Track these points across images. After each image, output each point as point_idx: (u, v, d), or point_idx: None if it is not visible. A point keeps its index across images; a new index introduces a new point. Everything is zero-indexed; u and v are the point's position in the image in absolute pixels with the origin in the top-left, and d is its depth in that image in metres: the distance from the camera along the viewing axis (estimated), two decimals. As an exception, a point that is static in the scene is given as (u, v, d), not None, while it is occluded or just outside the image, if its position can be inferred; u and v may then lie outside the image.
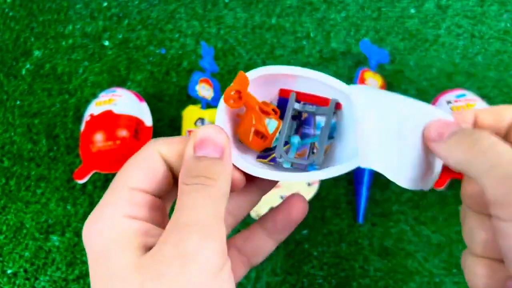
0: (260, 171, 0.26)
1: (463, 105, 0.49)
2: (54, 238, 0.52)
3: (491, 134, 0.22)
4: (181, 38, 0.66)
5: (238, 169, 0.25)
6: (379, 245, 0.49)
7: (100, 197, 0.53)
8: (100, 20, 0.68)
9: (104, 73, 0.63)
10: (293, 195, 0.28)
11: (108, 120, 0.51)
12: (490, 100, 0.56)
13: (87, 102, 0.61)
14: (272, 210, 0.29)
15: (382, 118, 0.26)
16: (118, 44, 0.66)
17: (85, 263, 0.50)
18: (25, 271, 0.51)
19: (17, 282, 0.50)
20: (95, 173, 0.55)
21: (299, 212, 0.28)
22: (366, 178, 0.51)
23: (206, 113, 0.54)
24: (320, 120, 0.30)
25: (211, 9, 0.68)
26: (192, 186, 0.20)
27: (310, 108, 0.29)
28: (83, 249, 0.51)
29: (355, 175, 0.53)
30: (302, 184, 0.50)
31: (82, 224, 0.52)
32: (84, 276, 0.50)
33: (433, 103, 0.52)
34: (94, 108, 0.53)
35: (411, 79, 0.59)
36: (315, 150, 0.29)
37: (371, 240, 0.50)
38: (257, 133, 0.29)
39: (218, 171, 0.21)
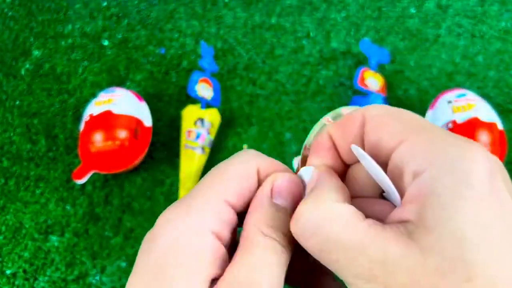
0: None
1: (463, 104, 0.49)
2: (54, 238, 0.52)
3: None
4: (181, 38, 0.65)
5: None
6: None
7: (99, 197, 0.54)
8: (99, 20, 0.68)
9: (104, 73, 0.63)
10: None
11: (108, 120, 0.51)
12: (491, 99, 0.56)
13: (87, 102, 0.61)
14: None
15: None
16: (117, 44, 0.65)
17: (84, 263, 0.50)
18: (24, 271, 0.51)
19: (16, 282, 0.50)
20: (95, 173, 0.55)
21: None
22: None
23: (206, 113, 0.54)
24: None
25: (210, 9, 0.68)
26: (268, 241, 0.18)
27: None
28: (83, 250, 0.51)
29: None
30: None
31: (82, 224, 0.52)
32: (83, 276, 0.50)
33: (433, 103, 0.52)
34: (94, 108, 0.53)
35: (411, 79, 0.59)
36: None
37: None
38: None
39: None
